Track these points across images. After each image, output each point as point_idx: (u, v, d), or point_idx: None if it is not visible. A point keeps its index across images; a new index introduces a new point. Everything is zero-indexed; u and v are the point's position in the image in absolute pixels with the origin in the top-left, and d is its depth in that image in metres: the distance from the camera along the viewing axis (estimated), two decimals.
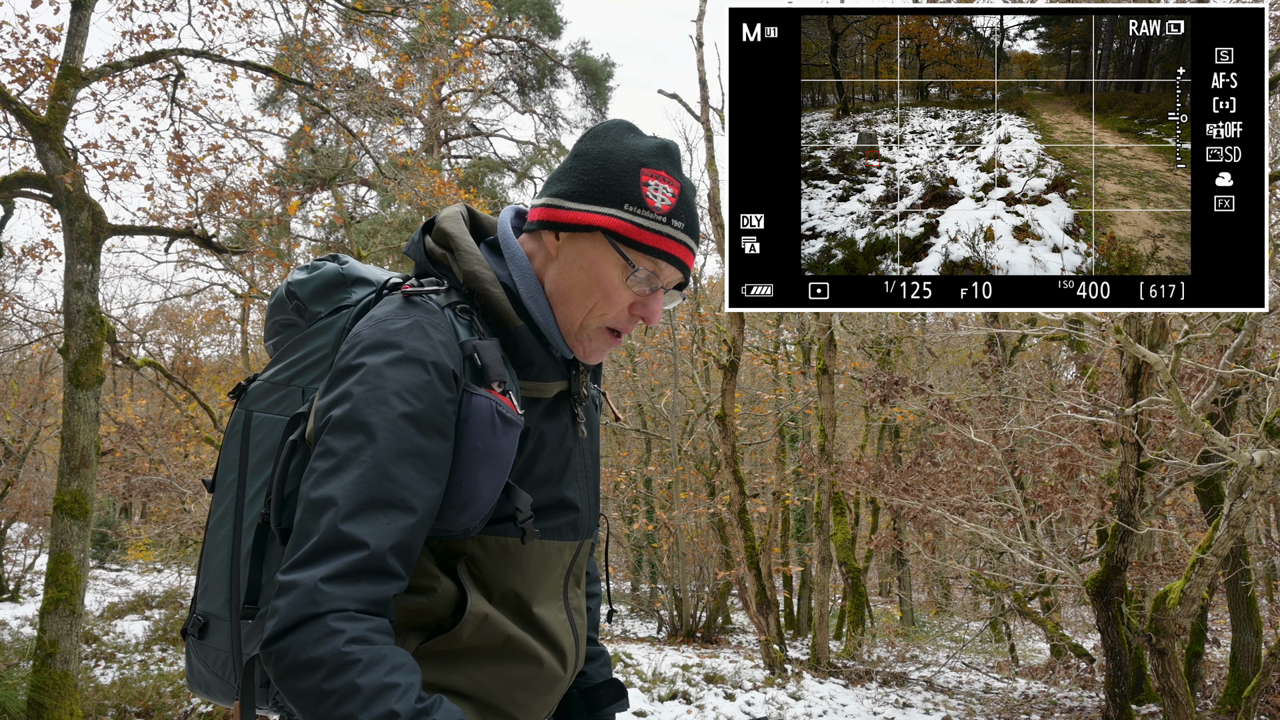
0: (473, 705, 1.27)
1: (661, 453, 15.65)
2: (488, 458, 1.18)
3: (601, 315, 1.30)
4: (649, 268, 1.28)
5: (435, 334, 1.19)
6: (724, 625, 14.18)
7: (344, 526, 1.09)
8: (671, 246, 1.28)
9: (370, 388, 1.15)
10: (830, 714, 7.53)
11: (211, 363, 22.20)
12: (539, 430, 1.29)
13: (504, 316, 1.27)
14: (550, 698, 1.35)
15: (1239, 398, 6.91)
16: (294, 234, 16.31)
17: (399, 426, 1.13)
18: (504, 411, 1.19)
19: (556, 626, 1.33)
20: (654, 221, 1.27)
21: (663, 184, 1.28)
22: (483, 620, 1.24)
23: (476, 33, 12.64)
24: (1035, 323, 9.37)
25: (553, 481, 1.31)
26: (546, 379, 1.31)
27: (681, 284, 1.35)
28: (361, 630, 1.05)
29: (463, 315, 1.25)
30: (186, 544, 13.35)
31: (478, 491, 1.18)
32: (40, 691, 5.40)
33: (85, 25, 6.12)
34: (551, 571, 1.33)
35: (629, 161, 1.28)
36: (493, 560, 1.25)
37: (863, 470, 9.91)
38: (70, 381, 5.81)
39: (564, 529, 1.33)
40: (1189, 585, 4.94)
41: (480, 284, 1.27)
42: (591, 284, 1.29)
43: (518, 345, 1.28)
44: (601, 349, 1.34)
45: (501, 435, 1.19)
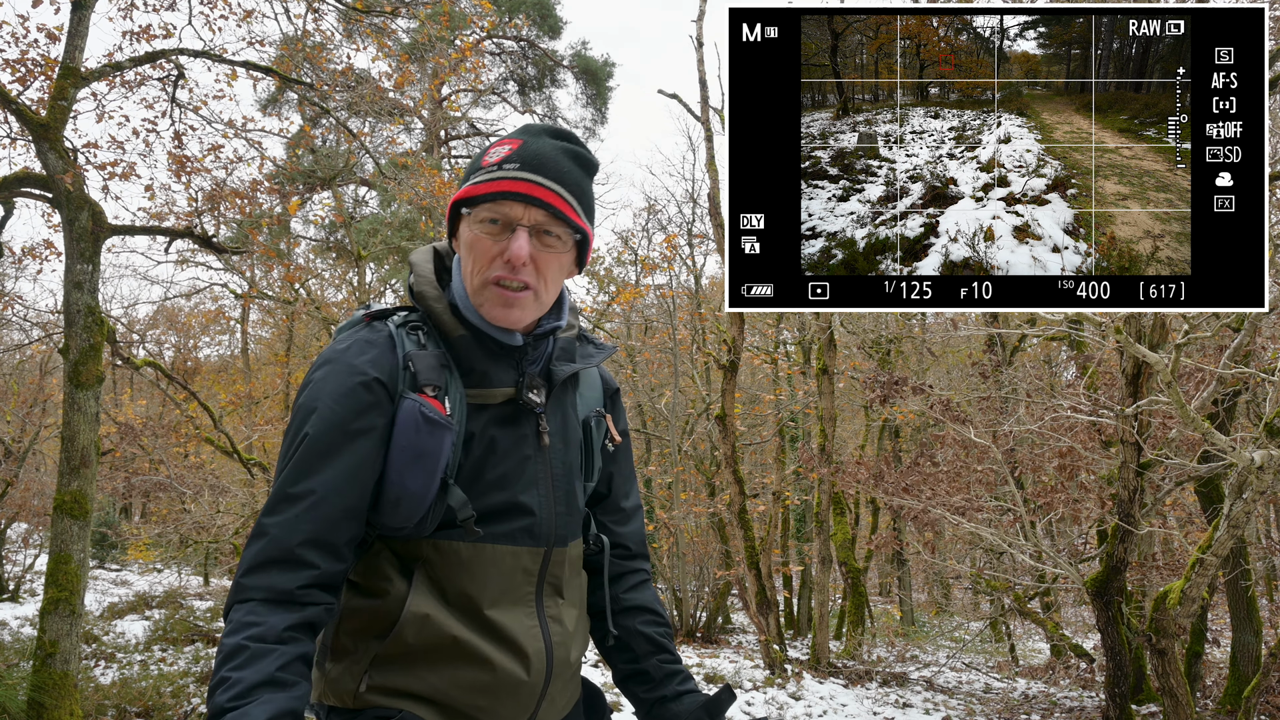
0: (435, 709, 1.33)
1: (661, 453, 15.65)
2: (414, 455, 1.29)
3: (480, 271, 1.38)
4: (492, 211, 1.36)
5: (369, 350, 1.34)
6: (724, 625, 14.18)
7: (262, 519, 1.26)
8: (502, 185, 1.35)
9: (308, 396, 1.32)
10: (830, 714, 7.53)
11: (211, 363, 22.21)
12: (488, 436, 1.38)
13: (446, 328, 1.39)
14: (517, 703, 1.37)
15: (1239, 398, 6.90)
16: (294, 234, 16.30)
17: (322, 427, 1.28)
18: (427, 412, 1.30)
19: (518, 631, 1.37)
20: (485, 173, 1.37)
21: (501, 147, 1.39)
22: (423, 620, 1.31)
23: (476, 33, 12.63)
24: (1035, 323, 9.37)
25: (505, 487, 1.38)
26: (491, 385, 1.39)
27: (577, 232, 1.41)
28: (241, 621, 1.20)
29: (413, 332, 1.38)
30: (186, 544, 13.34)
31: (405, 487, 1.29)
32: (40, 691, 5.40)
33: (85, 25, 6.12)
34: (509, 576, 1.38)
35: (482, 151, 1.42)
36: (446, 563, 1.34)
37: (863, 470, 9.91)
38: (70, 381, 5.81)
39: (518, 534, 1.38)
40: (1189, 585, 4.94)
41: (425, 301, 1.40)
42: (466, 251, 1.39)
43: (460, 354, 1.38)
44: (499, 304, 1.38)
45: (425, 435, 1.29)
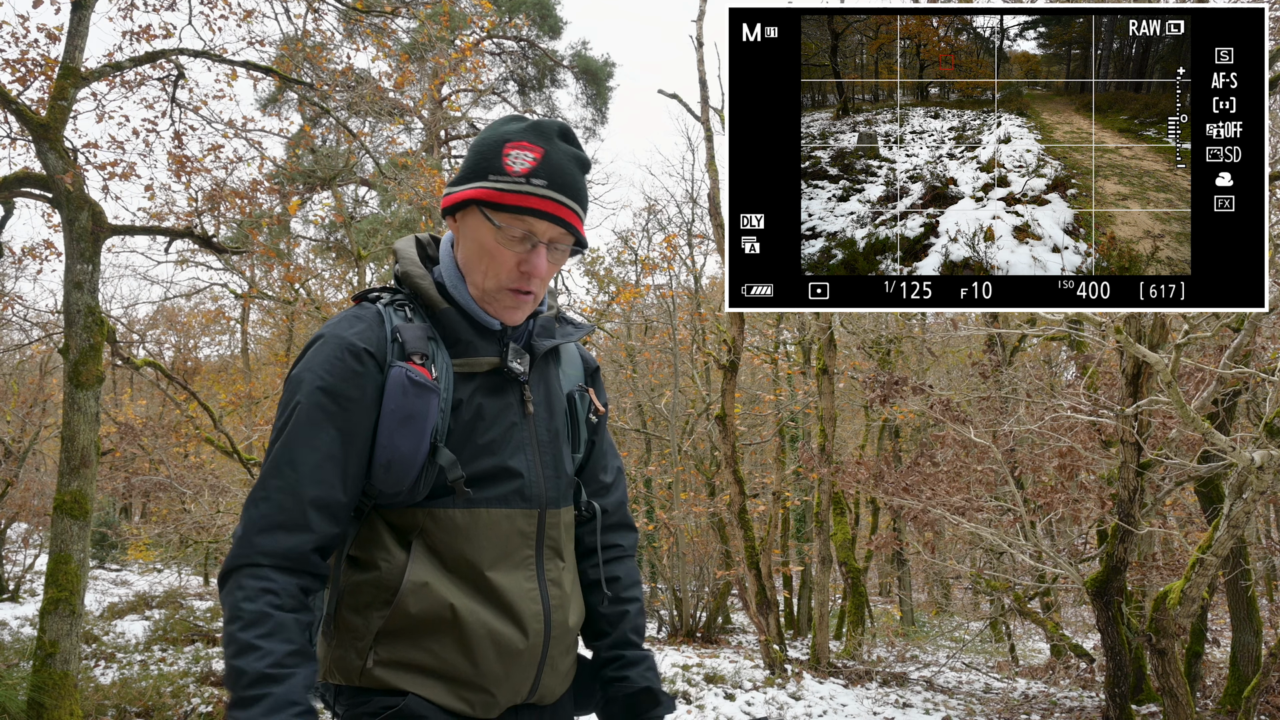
0: (441, 681, 1.39)
1: (661, 453, 15.65)
2: (402, 418, 1.37)
3: (495, 276, 1.46)
4: (517, 225, 1.43)
5: (356, 324, 1.42)
6: (724, 625, 14.18)
7: (263, 483, 1.33)
8: (532, 202, 1.41)
9: (300, 368, 1.40)
10: (830, 714, 7.53)
11: (211, 363, 22.20)
12: (475, 403, 1.45)
13: (431, 302, 1.47)
14: (519, 667, 1.44)
15: (1239, 398, 6.90)
16: (294, 234, 16.29)
17: (314, 396, 1.36)
18: (414, 376, 1.38)
19: (516, 593, 1.44)
20: (511, 183, 1.42)
21: (523, 152, 1.43)
22: (423, 589, 1.38)
23: (476, 33, 12.63)
24: (1035, 323, 9.36)
25: (494, 452, 1.45)
26: (476, 355, 1.48)
27: (578, 243, 1.49)
28: (257, 588, 1.28)
29: (400, 309, 1.47)
30: (186, 544, 13.34)
31: (396, 449, 1.37)
32: (40, 691, 5.40)
33: (85, 25, 6.11)
34: (505, 539, 1.45)
35: (496, 142, 1.45)
36: (443, 530, 1.41)
37: (863, 470, 9.90)
38: (70, 381, 5.81)
39: (511, 497, 1.46)
40: (1189, 585, 4.94)
41: (411, 279, 1.49)
42: (479, 251, 1.46)
43: (445, 326, 1.47)
44: (512, 306, 1.48)
45: (413, 397, 1.37)
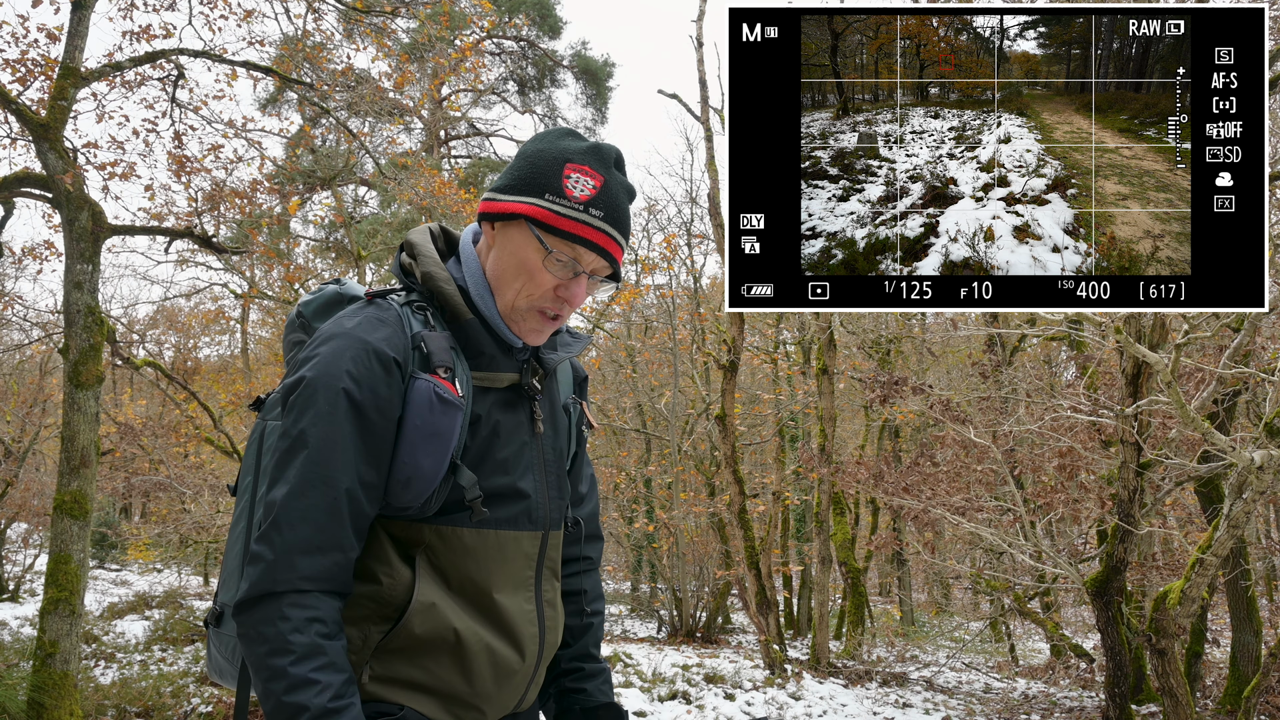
0: (435, 699, 1.36)
1: (661, 453, 15.65)
2: (426, 435, 1.30)
3: (529, 296, 1.40)
4: (567, 252, 1.38)
5: (381, 328, 1.33)
6: (724, 625, 14.18)
7: (293, 501, 1.24)
8: (587, 232, 1.37)
9: (320, 370, 1.29)
10: (830, 714, 7.53)
11: (211, 363, 22.19)
12: (493, 419, 1.40)
13: (456, 310, 1.39)
14: (511, 686, 1.42)
15: (1239, 398, 6.90)
16: (294, 234, 16.30)
17: (341, 403, 1.27)
18: (441, 393, 1.30)
19: (517, 615, 1.41)
20: (570, 209, 1.36)
21: (585, 177, 1.38)
22: (430, 609, 1.33)
23: (476, 33, 12.63)
24: (1035, 323, 9.36)
25: (507, 471, 1.41)
26: (497, 369, 1.42)
27: (613, 275, 1.44)
28: (304, 618, 1.20)
29: (418, 312, 1.39)
30: (186, 544, 13.34)
31: (419, 466, 1.30)
32: (40, 691, 5.40)
33: (85, 25, 6.12)
34: (511, 561, 1.41)
35: (556, 159, 1.39)
36: (449, 549, 1.36)
37: (863, 470, 9.90)
38: (70, 381, 5.81)
39: (519, 518, 1.42)
40: (1189, 585, 4.94)
41: (435, 283, 1.40)
42: (518, 267, 1.39)
43: (469, 337, 1.40)
44: (536, 328, 1.43)
45: (439, 414, 1.30)
